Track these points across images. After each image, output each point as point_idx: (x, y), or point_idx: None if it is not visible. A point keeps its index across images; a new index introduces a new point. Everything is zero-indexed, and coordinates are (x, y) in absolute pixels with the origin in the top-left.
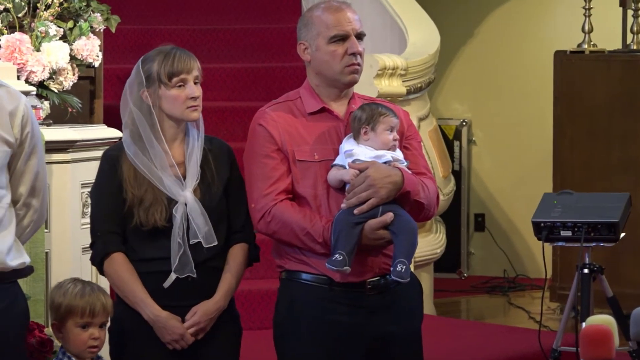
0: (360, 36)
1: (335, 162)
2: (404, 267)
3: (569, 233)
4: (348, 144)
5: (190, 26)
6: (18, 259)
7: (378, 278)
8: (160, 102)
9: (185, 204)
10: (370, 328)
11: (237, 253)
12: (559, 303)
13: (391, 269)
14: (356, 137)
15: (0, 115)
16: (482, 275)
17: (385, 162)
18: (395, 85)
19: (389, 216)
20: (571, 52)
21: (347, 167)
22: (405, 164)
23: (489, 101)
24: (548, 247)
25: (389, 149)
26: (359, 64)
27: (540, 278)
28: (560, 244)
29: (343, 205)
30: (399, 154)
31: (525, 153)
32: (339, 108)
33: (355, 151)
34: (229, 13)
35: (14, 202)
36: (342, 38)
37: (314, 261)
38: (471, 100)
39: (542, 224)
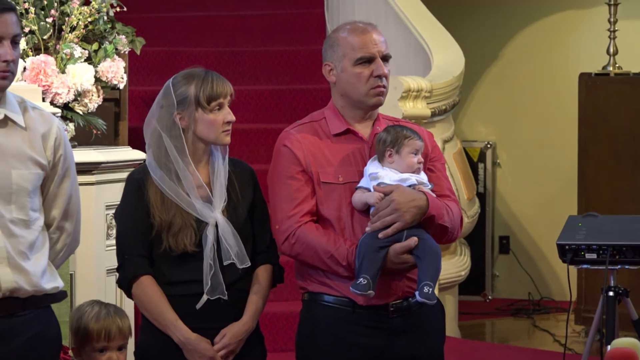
0: (386, 58)
1: (359, 185)
2: (430, 289)
3: (594, 255)
4: (372, 167)
5: (214, 48)
6: (52, 282)
7: (401, 301)
8: (196, 126)
9: (216, 226)
10: (392, 350)
11: (262, 274)
12: (584, 326)
13: (416, 292)
14: (381, 160)
15: (33, 137)
16: (506, 298)
17: (410, 186)
18: (420, 108)
19: (413, 240)
20: (596, 74)
21: (372, 189)
22: (430, 186)
23: (513, 123)
24: (573, 269)
25: (413, 172)
26: (384, 86)
27: (565, 301)
28: (585, 266)
29: (367, 229)
30: (423, 177)
31: (550, 175)
32: (363, 130)
33: (380, 174)
34: (253, 35)
35: (47, 225)
36: (368, 60)
37: (336, 283)
38: (496, 122)
39: (567, 247)
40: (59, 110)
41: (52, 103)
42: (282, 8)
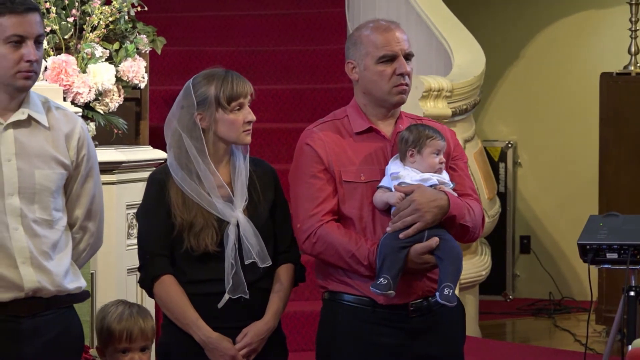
0: (408, 56)
1: (381, 184)
2: (451, 291)
3: (615, 255)
4: (394, 166)
5: (235, 47)
6: (75, 282)
7: (421, 300)
8: (216, 126)
9: (238, 225)
10: (412, 350)
11: (284, 274)
12: (605, 326)
13: (437, 293)
14: (402, 159)
15: (56, 137)
16: (527, 298)
17: (431, 186)
18: (441, 107)
19: (434, 241)
20: (617, 73)
21: (393, 189)
22: (451, 186)
23: (534, 123)
24: (594, 269)
25: (435, 172)
26: (406, 84)
27: (586, 300)
28: (606, 266)
29: (388, 229)
30: (445, 177)
31: (571, 175)
32: (386, 128)
33: (402, 174)
34: (274, 34)
35: (70, 225)
36: (391, 58)
37: (357, 282)
38: (517, 122)
39: (588, 246)
40: (80, 110)
41: (73, 103)
42: (302, 7)
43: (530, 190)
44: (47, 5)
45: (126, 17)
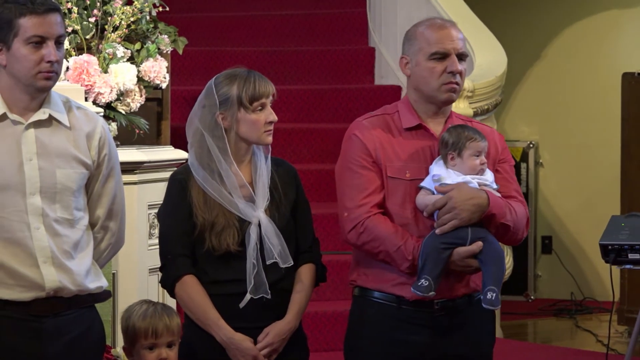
0: (462, 56)
1: (422, 184)
2: (494, 294)
3: (637, 256)
4: (437, 168)
5: (256, 47)
6: (96, 282)
7: (446, 299)
8: (238, 126)
9: (259, 225)
10: (437, 348)
11: (305, 274)
12: (626, 326)
13: (482, 296)
14: (444, 162)
15: (77, 137)
16: (549, 298)
17: None
18: (462, 107)
19: (478, 246)
20: (639, 73)
21: (435, 191)
22: (495, 187)
23: (556, 123)
24: (616, 269)
25: (476, 174)
26: (457, 83)
27: (608, 301)
28: (628, 266)
29: (436, 231)
30: (488, 177)
31: (593, 175)
32: (435, 126)
33: (443, 176)
34: (295, 35)
35: (92, 225)
36: (443, 56)
37: (385, 279)
38: (538, 122)
39: (609, 247)
40: (101, 110)
41: (94, 103)
42: (324, 8)
43: (552, 190)
44: (69, 5)
45: (147, 18)
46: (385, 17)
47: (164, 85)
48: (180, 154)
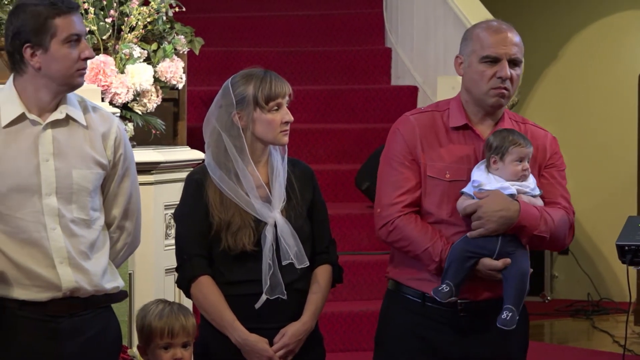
0: (515, 62)
1: (464, 190)
2: (510, 314)
3: None
4: (477, 173)
5: (273, 48)
6: (112, 282)
7: (469, 300)
8: (254, 125)
9: (275, 226)
10: (458, 349)
11: (321, 274)
12: None
13: (499, 315)
14: (487, 166)
15: (93, 136)
16: (565, 299)
17: (509, 195)
18: None
19: (503, 262)
20: None
21: (475, 197)
22: (538, 193)
23: (573, 124)
24: (632, 270)
25: (518, 179)
26: (506, 89)
27: (625, 302)
28: None
29: (468, 234)
30: (530, 184)
31: (610, 176)
32: (483, 128)
33: (483, 182)
34: (312, 35)
35: (108, 225)
36: (494, 60)
37: (414, 274)
38: (555, 122)
39: (626, 247)
40: (118, 110)
41: (111, 103)
42: (340, 8)
43: (569, 190)
44: (86, 6)
45: (164, 18)
46: (402, 17)
47: (180, 86)
48: (197, 155)
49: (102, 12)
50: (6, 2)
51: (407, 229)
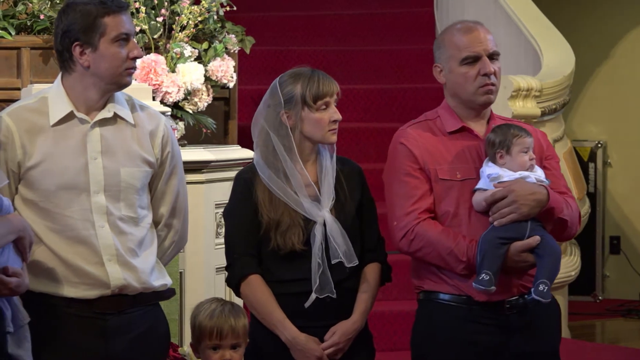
0: (493, 56)
1: (478, 187)
2: (546, 287)
3: None
4: (490, 168)
5: (323, 47)
6: (160, 280)
7: (517, 298)
8: (302, 125)
9: (324, 224)
10: (509, 348)
11: (370, 273)
12: None
13: (532, 288)
14: (494, 162)
15: (141, 135)
16: (617, 299)
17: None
18: (530, 107)
19: (535, 239)
20: None
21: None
22: (547, 182)
23: (624, 123)
24: None
25: (527, 169)
26: (492, 84)
27: None
28: None
29: (491, 220)
30: (540, 173)
31: None
32: (478, 128)
33: (501, 174)
34: (362, 34)
35: (155, 223)
36: (474, 59)
37: (454, 281)
38: (606, 121)
39: None
40: (169, 109)
41: (162, 102)
42: (391, 7)
43: (620, 190)
44: (137, 5)
45: (215, 17)
46: (453, 16)
47: (231, 85)
48: (248, 153)
49: (153, 12)
50: (57, 1)
51: (428, 234)
